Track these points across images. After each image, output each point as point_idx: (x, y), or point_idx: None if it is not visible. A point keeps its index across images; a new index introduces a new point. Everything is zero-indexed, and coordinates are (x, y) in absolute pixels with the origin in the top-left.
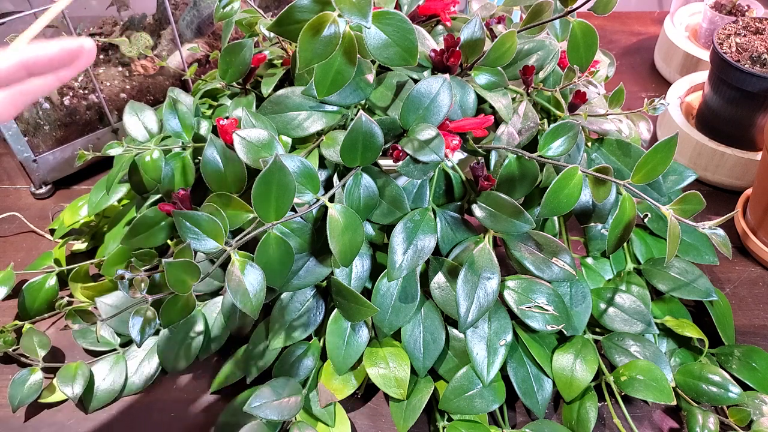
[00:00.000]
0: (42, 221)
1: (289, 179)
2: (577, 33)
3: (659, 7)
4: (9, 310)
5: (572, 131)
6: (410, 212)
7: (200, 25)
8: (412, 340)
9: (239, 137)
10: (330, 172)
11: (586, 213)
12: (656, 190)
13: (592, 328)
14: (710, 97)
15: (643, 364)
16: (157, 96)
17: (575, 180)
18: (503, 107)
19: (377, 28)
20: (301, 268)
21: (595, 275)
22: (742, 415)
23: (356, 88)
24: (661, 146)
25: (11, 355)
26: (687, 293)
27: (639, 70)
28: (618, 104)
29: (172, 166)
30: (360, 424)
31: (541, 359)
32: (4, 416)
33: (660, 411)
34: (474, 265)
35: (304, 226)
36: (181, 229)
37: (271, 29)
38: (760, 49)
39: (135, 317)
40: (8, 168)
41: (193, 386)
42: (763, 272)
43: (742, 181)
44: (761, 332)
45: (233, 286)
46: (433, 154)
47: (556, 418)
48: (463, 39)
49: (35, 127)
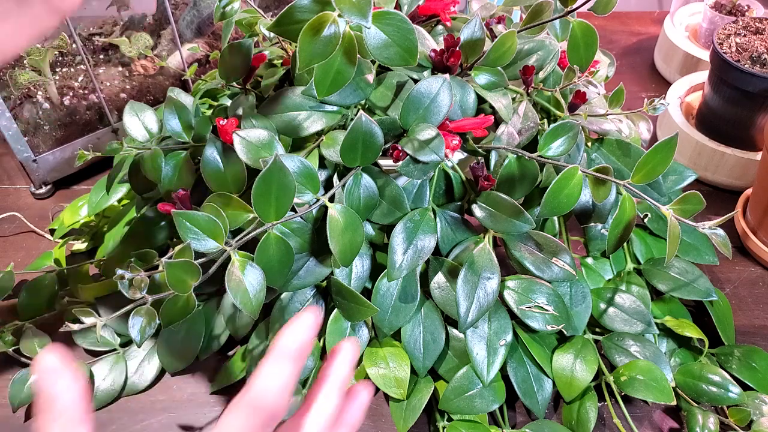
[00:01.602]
0: (42, 221)
1: (289, 179)
2: (577, 33)
3: (659, 7)
4: (9, 310)
5: (572, 131)
6: (410, 212)
7: (200, 25)
8: (412, 340)
9: (239, 137)
10: (330, 172)
11: (586, 213)
12: (656, 190)
13: (592, 328)
14: (710, 97)
15: (643, 364)
16: (157, 96)
17: (575, 180)
18: (503, 107)
19: (377, 28)
20: (301, 268)
21: (595, 275)
22: (742, 415)
23: (356, 88)
24: (661, 146)
25: (11, 355)
26: (687, 293)
27: (639, 70)
28: (618, 104)
29: (172, 166)
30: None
31: (541, 359)
32: (4, 416)
33: (660, 411)
34: (474, 265)
35: (304, 226)
36: (181, 229)
37: (271, 29)
38: (760, 49)
39: (135, 317)
40: (8, 168)
41: (193, 386)
42: (763, 272)
43: (742, 181)
44: (761, 332)
45: (233, 286)
46: (433, 154)
47: (556, 418)
48: (463, 39)
49: (35, 127)
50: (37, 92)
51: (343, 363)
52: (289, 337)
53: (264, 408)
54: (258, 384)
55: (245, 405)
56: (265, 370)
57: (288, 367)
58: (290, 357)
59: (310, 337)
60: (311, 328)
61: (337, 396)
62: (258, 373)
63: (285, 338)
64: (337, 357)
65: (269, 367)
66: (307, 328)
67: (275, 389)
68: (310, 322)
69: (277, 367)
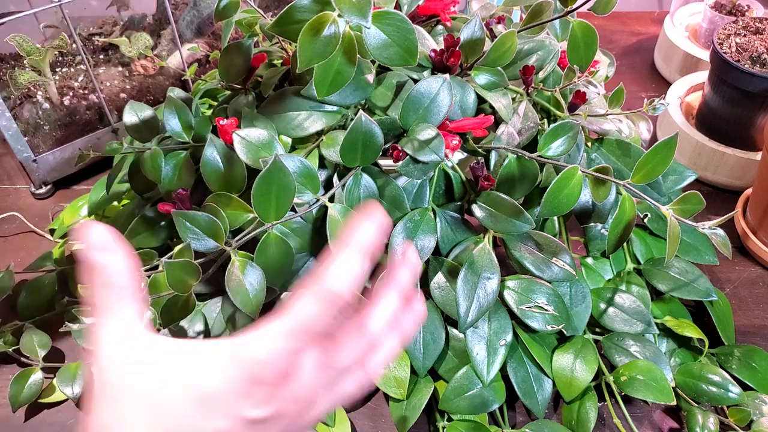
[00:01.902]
0: (42, 221)
1: (289, 179)
2: (577, 33)
3: (659, 7)
4: (9, 310)
5: (572, 131)
6: (410, 212)
7: (200, 25)
8: (412, 340)
9: (239, 137)
10: (330, 172)
11: (586, 213)
12: (656, 190)
13: (592, 328)
14: (710, 97)
15: (643, 364)
16: (157, 96)
17: (575, 180)
18: (503, 107)
19: (377, 28)
20: (301, 268)
21: (595, 275)
22: (742, 415)
23: (356, 88)
24: (661, 146)
25: (11, 355)
26: (687, 293)
27: (639, 70)
28: (618, 104)
29: (172, 166)
30: (360, 424)
31: (541, 359)
32: (4, 416)
33: (660, 411)
34: (474, 265)
35: (304, 226)
36: (181, 229)
37: (271, 29)
38: (760, 49)
39: None
40: (8, 168)
41: None
42: (763, 272)
43: (742, 181)
44: (761, 332)
45: (233, 286)
46: (433, 154)
47: (556, 418)
48: (463, 39)
49: (35, 127)
50: (37, 92)
51: (407, 271)
52: (363, 234)
53: (336, 297)
54: (332, 274)
55: (318, 292)
56: (339, 261)
57: (360, 261)
58: (363, 252)
59: (381, 238)
60: (384, 230)
61: (398, 299)
62: (331, 264)
63: (360, 234)
64: (404, 265)
65: (344, 260)
66: (380, 229)
67: (348, 281)
68: (384, 224)
69: (350, 261)
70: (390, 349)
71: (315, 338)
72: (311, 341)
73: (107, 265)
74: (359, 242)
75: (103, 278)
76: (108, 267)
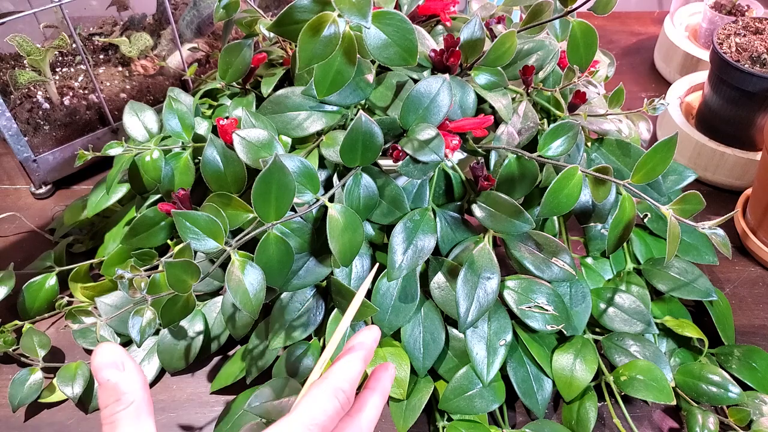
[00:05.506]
0: (42, 221)
1: (288, 179)
2: (576, 33)
3: (659, 7)
4: (9, 310)
5: (572, 131)
6: (410, 212)
7: (200, 25)
8: (411, 340)
9: (239, 137)
10: (330, 172)
11: (586, 213)
12: (656, 190)
13: (592, 328)
14: (710, 97)
15: (643, 364)
16: (157, 96)
17: (575, 180)
18: (503, 107)
19: (377, 28)
20: (301, 268)
21: (595, 275)
22: (742, 415)
23: (356, 88)
24: (660, 146)
25: (11, 355)
26: (687, 293)
27: (639, 70)
28: (618, 104)
29: (172, 166)
30: None
31: (541, 359)
32: (4, 416)
33: (660, 411)
34: (474, 265)
35: (304, 226)
36: (181, 229)
37: (271, 29)
38: (760, 49)
39: (135, 317)
40: (8, 168)
41: (193, 386)
42: (763, 272)
43: (741, 181)
44: (761, 332)
45: (233, 286)
46: (432, 154)
47: (556, 418)
48: (463, 39)
49: (35, 127)
50: (37, 92)
51: (387, 380)
52: (365, 339)
53: (343, 394)
54: (340, 373)
55: (329, 387)
56: (346, 362)
57: (361, 366)
58: (364, 359)
59: (374, 347)
60: (376, 340)
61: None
62: (340, 364)
63: (363, 338)
64: (386, 374)
65: (350, 361)
66: (375, 340)
67: (352, 381)
68: (378, 336)
69: (355, 363)
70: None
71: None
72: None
73: (119, 383)
74: (362, 347)
75: (117, 395)
76: (120, 384)
